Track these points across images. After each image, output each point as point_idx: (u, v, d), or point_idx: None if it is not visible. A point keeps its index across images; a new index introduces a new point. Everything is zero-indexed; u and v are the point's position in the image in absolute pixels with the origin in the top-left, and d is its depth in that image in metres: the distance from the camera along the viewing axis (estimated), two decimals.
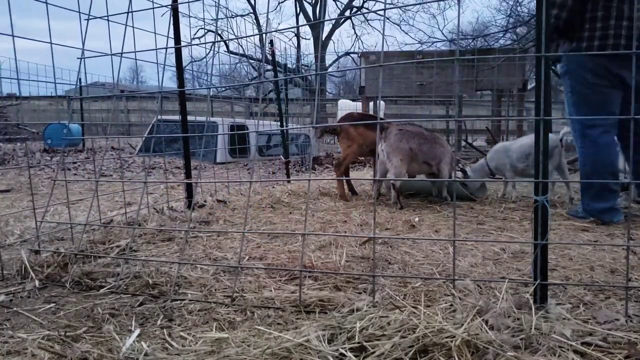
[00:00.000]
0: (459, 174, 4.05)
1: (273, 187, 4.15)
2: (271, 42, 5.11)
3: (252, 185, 3.65)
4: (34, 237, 2.17)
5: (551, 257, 1.92)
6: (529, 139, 3.67)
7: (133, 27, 2.17)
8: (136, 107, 12.68)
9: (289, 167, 4.91)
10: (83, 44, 1.97)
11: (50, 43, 1.99)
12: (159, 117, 6.90)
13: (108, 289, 1.61)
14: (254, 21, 20.91)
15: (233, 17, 18.34)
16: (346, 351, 1.07)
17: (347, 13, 23.15)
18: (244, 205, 3.20)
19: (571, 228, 2.59)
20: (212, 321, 1.34)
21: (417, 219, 2.75)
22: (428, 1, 1.64)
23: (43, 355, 1.12)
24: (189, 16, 3.29)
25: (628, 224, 1.48)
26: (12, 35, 1.83)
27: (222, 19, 17.20)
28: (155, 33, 2.46)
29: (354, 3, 23.16)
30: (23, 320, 1.37)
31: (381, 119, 4.83)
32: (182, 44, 3.32)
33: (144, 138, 7.12)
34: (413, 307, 1.28)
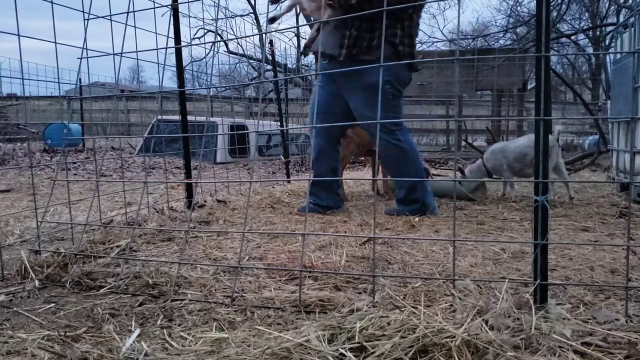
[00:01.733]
0: (458, 173, 4.05)
1: (273, 187, 4.15)
2: (271, 42, 5.11)
3: (252, 185, 3.65)
4: (34, 237, 2.17)
5: (551, 257, 1.92)
6: (525, 140, 3.66)
7: (135, 26, 2.17)
8: (136, 107, 12.66)
9: (289, 167, 4.91)
10: (84, 43, 1.97)
11: (55, 43, 1.99)
12: (159, 117, 6.90)
13: (108, 289, 1.61)
14: (254, 21, 20.90)
15: (233, 17, 18.34)
16: (346, 351, 1.07)
17: None
18: (244, 205, 3.20)
19: (571, 228, 2.59)
20: (212, 321, 1.34)
21: (417, 219, 2.75)
22: (428, 1, 1.64)
23: (43, 355, 1.12)
24: (189, 16, 3.30)
25: (628, 224, 1.48)
26: (18, 35, 1.83)
27: (222, 19, 17.19)
28: (155, 33, 2.46)
29: None
30: (23, 320, 1.37)
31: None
32: (182, 44, 3.32)
33: (144, 138, 7.12)
34: (413, 307, 1.28)
